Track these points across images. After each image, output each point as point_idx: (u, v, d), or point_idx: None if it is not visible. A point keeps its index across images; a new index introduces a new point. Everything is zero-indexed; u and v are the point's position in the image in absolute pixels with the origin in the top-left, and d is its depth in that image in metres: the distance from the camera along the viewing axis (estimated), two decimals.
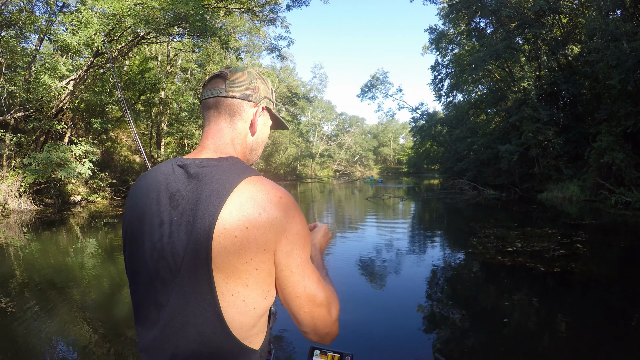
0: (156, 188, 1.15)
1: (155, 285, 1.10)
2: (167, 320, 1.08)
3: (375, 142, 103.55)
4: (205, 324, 1.04)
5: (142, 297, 1.14)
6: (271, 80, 47.42)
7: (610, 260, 9.73)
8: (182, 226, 1.06)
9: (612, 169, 19.45)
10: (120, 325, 5.39)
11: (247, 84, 1.27)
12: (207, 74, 32.70)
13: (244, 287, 1.03)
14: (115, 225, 13.67)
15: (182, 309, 1.05)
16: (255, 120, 1.30)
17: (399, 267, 8.84)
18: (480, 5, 30.14)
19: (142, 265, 1.12)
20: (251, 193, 1.06)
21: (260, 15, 27.16)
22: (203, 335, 1.05)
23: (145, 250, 1.11)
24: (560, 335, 5.35)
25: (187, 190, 1.10)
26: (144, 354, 1.15)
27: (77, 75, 17.73)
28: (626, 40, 17.23)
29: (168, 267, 1.07)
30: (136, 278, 1.15)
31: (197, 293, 1.03)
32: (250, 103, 1.28)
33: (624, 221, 15.03)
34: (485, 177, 33.72)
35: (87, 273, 8.10)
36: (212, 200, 1.04)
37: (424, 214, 21.13)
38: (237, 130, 1.27)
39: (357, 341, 4.87)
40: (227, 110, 1.26)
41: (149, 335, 1.12)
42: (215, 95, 1.25)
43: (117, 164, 25.01)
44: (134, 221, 1.16)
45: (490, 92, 36.66)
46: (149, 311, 1.12)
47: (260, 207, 1.04)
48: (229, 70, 1.29)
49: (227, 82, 1.25)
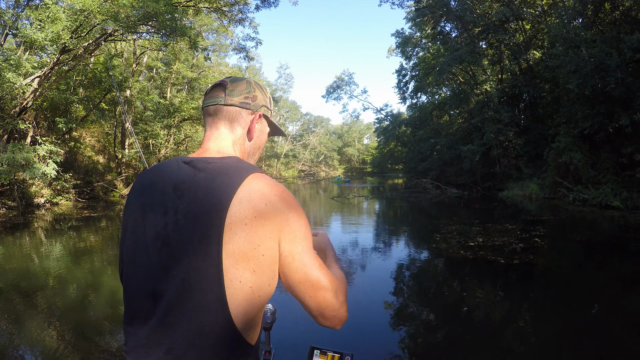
0: (160, 180, 1.20)
1: (155, 274, 1.12)
2: (165, 312, 1.09)
3: (339, 143, 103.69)
4: (207, 315, 1.06)
5: (138, 288, 1.16)
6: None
7: (568, 253, 10.23)
8: (189, 214, 1.10)
9: (569, 168, 20.25)
10: (87, 331, 5.25)
11: (246, 92, 1.36)
12: (173, 73, 32.13)
13: (252, 273, 1.07)
14: (80, 228, 13.19)
15: (183, 299, 1.07)
16: (252, 126, 1.38)
17: (365, 265, 8.97)
18: (445, 10, 30.85)
19: (142, 254, 1.15)
20: (258, 187, 1.13)
21: (229, 15, 26.79)
22: (204, 327, 1.06)
23: (148, 238, 1.14)
24: (522, 324, 5.66)
25: (193, 182, 1.14)
26: (132, 354, 1.15)
27: (43, 72, 17.02)
28: (585, 47, 18.04)
29: (172, 254, 1.10)
30: (133, 268, 1.17)
31: (202, 281, 1.06)
32: (248, 111, 1.36)
33: (581, 217, 15.71)
34: (448, 177, 34.50)
35: (52, 278, 7.75)
36: (223, 190, 1.10)
37: (388, 212, 21.48)
38: (236, 136, 1.35)
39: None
40: (227, 117, 1.34)
41: (141, 332, 1.13)
42: (215, 103, 1.34)
43: (81, 165, 24.00)
44: (135, 211, 1.20)
45: (454, 94, 37.27)
46: (144, 303, 1.13)
47: (266, 199, 1.11)
48: (229, 79, 1.37)
49: (227, 91, 1.33)
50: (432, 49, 40.18)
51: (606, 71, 16.75)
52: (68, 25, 15.26)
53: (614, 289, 7.31)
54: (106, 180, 24.25)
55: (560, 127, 21.59)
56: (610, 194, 17.32)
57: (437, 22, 33.37)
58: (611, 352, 4.77)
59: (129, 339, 1.16)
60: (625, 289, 7.33)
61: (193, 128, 32.14)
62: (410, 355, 4.78)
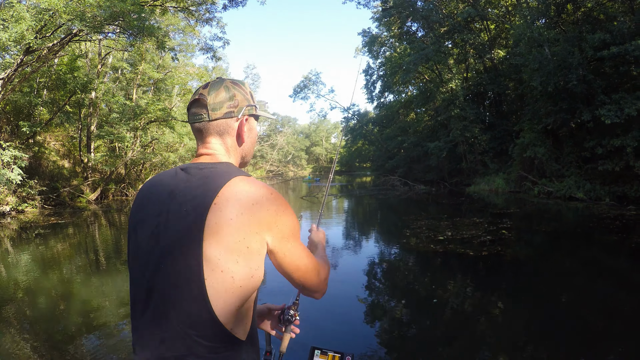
0: (159, 187, 1.30)
1: (150, 268, 1.21)
2: (157, 305, 1.18)
3: (307, 142, 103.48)
4: (191, 305, 1.14)
5: (136, 284, 1.25)
6: (204, 81, 46.06)
7: (535, 244, 10.58)
8: (178, 214, 1.20)
9: (534, 162, 20.91)
10: (57, 340, 5.12)
11: (228, 101, 1.38)
12: (139, 74, 31.34)
13: (235, 263, 1.15)
14: (48, 236, 12.66)
15: (171, 292, 1.17)
16: (241, 131, 1.43)
17: (336, 262, 8.99)
18: (412, 11, 31.28)
19: (141, 251, 1.25)
20: (244, 187, 1.22)
21: (196, 15, 26.44)
22: (190, 317, 1.15)
23: (144, 238, 1.24)
24: (492, 313, 5.86)
25: (185, 186, 1.24)
26: (136, 346, 1.24)
27: (6, 74, 16.33)
28: (548, 46, 18.60)
29: (162, 251, 1.19)
30: (135, 263, 1.27)
31: (186, 273, 1.15)
32: (234, 119, 1.40)
33: (546, 209, 16.26)
34: (415, 174, 34.94)
35: (20, 289, 7.46)
36: (209, 191, 1.19)
37: (358, 210, 21.68)
38: (227, 144, 1.42)
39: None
40: (215, 131, 1.39)
41: (140, 325, 1.23)
42: (200, 121, 1.38)
43: (46, 170, 23.06)
44: (137, 214, 1.31)
45: (420, 92, 37.76)
46: (141, 297, 1.23)
47: (252, 198, 1.20)
48: (207, 90, 1.38)
49: (209, 107, 1.36)
50: (398, 48, 40.47)
51: (568, 69, 17.32)
52: (32, 25, 14.81)
53: (580, 277, 7.62)
54: (72, 185, 23.44)
55: (525, 123, 22.19)
56: (573, 187, 17.94)
57: (404, 22, 33.77)
58: (579, 336, 4.97)
59: (134, 332, 1.26)
60: (590, 276, 7.67)
61: (160, 130, 31.48)
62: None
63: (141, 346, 1.21)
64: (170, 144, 37.17)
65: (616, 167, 16.23)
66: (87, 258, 10.23)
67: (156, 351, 1.17)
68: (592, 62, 18.05)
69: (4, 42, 14.65)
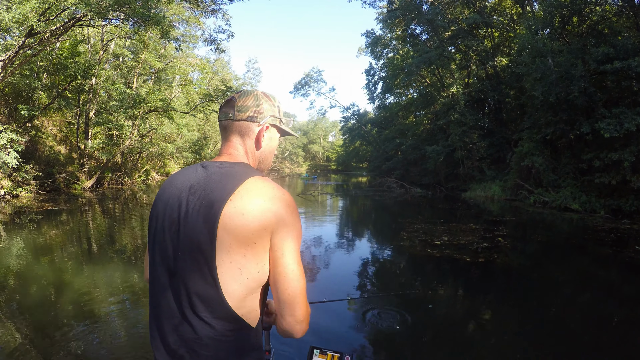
0: (180, 182, 1.41)
1: (169, 253, 1.34)
2: (177, 287, 1.31)
3: (305, 139, 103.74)
4: (205, 290, 1.27)
5: (158, 265, 1.38)
6: (206, 73, 46.03)
7: (529, 253, 10.60)
8: (196, 206, 1.30)
9: (531, 171, 20.93)
10: (48, 328, 5.07)
11: (254, 107, 1.50)
12: (140, 62, 31.39)
13: (242, 256, 1.26)
14: (41, 222, 12.63)
15: (188, 277, 1.29)
16: (260, 137, 1.53)
17: (328, 262, 9.05)
18: (417, 14, 31.19)
19: (162, 238, 1.37)
20: (260, 186, 1.32)
21: (201, 5, 26.40)
22: (204, 302, 1.27)
23: (166, 226, 1.36)
24: (485, 320, 5.90)
25: (205, 182, 1.35)
26: (154, 323, 1.39)
27: (7, 56, 16.20)
28: (551, 56, 18.61)
29: (181, 239, 1.31)
30: (156, 247, 1.39)
31: (200, 260, 1.27)
32: (256, 123, 1.51)
33: (541, 219, 16.29)
34: (412, 176, 34.99)
35: (12, 274, 7.41)
36: (226, 188, 1.29)
37: (353, 210, 21.69)
38: (246, 145, 1.52)
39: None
40: (237, 131, 1.51)
41: (162, 301, 1.35)
42: (226, 119, 1.51)
43: (42, 155, 22.74)
44: (160, 205, 1.41)
45: (421, 95, 37.91)
46: (162, 278, 1.36)
47: (266, 197, 1.29)
48: (238, 94, 1.53)
49: (236, 107, 1.50)
50: (401, 50, 40.58)
51: (570, 80, 17.32)
52: (36, 7, 14.71)
53: (572, 286, 7.70)
54: (68, 171, 23.28)
55: (524, 132, 22.22)
56: (569, 197, 17.96)
57: (408, 25, 33.64)
58: (568, 345, 5.00)
59: (152, 310, 1.41)
60: (582, 287, 7.74)
61: (158, 120, 31.30)
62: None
63: (161, 324, 1.35)
64: (169, 134, 37.03)
65: (613, 180, 16.27)
66: (80, 246, 10.16)
67: (174, 332, 1.31)
68: (595, 75, 18.06)
69: (6, 23, 14.56)
